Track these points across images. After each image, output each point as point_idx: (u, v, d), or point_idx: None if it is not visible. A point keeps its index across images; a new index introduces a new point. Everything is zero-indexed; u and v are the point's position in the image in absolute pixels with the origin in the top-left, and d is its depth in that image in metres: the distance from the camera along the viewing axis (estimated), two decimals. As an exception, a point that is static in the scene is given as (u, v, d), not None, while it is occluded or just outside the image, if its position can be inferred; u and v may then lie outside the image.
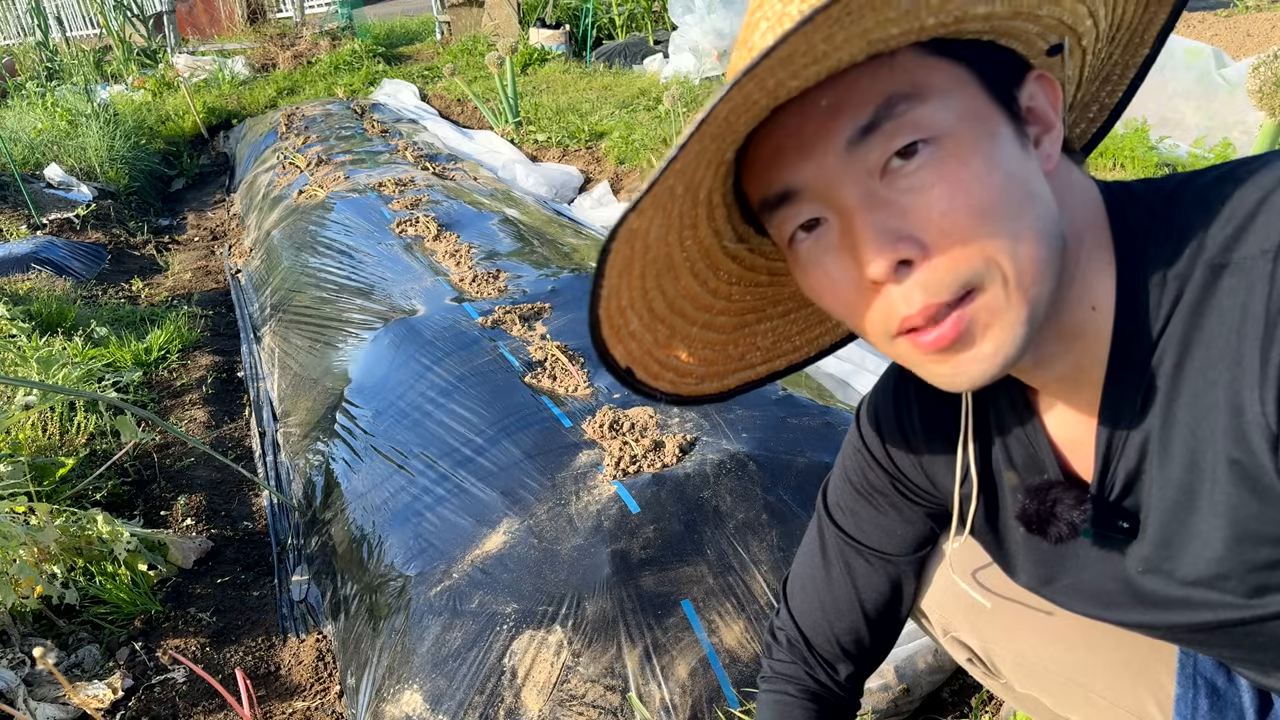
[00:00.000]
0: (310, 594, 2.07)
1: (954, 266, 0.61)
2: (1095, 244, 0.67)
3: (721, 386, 0.84)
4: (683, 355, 0.79)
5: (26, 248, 4.45)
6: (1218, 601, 0.67)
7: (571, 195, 4.88)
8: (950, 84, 0.61)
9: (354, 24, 10.85)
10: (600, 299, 0.66)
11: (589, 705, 1.48)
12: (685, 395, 0.81)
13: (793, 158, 0.63)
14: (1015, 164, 0.62)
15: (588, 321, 0.68)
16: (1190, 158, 3.52)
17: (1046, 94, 0.67)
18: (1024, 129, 0.64)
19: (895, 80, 0.60)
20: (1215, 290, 0.61)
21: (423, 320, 2.76)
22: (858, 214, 0.62)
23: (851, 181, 0.62)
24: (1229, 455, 0.61)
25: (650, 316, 0.73)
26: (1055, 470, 0.76)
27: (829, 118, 0.61)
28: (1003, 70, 0.64)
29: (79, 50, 10.76)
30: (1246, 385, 0.59)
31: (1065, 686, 0.97)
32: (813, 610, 1.01)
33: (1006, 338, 0.63)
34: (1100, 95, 0.77)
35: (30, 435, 2.52)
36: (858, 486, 0.96)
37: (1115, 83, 0.76)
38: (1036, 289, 0.62)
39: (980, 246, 0.60)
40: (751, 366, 0.85)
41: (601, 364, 0.73)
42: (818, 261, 0.66)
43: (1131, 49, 0.73)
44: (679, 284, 0.74)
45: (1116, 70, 0.75)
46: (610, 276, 0.65)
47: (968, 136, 0.61)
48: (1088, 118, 0.80)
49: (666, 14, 7.24)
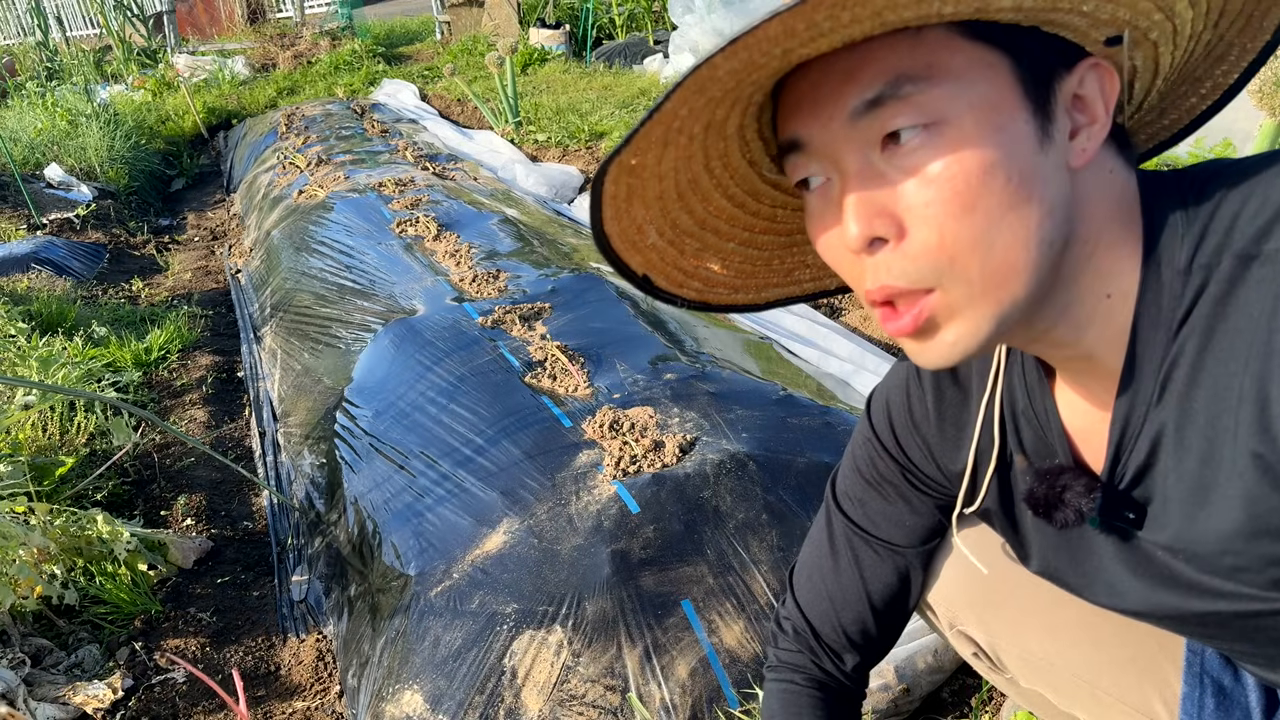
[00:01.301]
0: (310, 594, 2.07)
1: (920, 257, 0.61)
2: (1118, 236, 0.66)
3: (757, 299, 0.83)
4: (715, 267, 0.77)
5: (26, 248, 4.44)
6: (1234, 592, 0.67)
7: (571, 195, 4.88)
8: (972, 69, 0.60)
9: (354, 24, 10.85)
10: (604, 220, 0.66)
11: (589, 705, 1.48)
12: (713, 303, 0.80)
13: (805, 114, 0.64)
14: (1021, 162, 0.60)
15: (592, 235, 0.68)
16: (1190, 157, 3.52)
17: (1101, 83, 0.64)
18: (1049, 124, 0.62)
19: (911, 59, 0.59)
20: (1243, 282, 0.60)
21: (423, 320, 2.76)
22: (853, 180, 0.63)
23: (853, 149, 0.62)
24: (1251, 448, 0.60)
25: (675, 232, 0.73)
26: (1066, 456, 0.76)
27: (841, 83, 0.61)
28: (1048, 57, 0.62)
29: (79, 50, 10.75)
30: (1275, 377, 0.58)
31: (1071, 682, 0.96)
32: (819, 600, 1.01)
33: (967, 330, 0.63)
34: (1215, 73, 0.73)
35: (30, 435, 2.52)
36: (867, 476, 0.96)
37: (1233, 62, 0.71)
38: (1007, 292, 0.62)
39: (954, 244, 0.60)
40: (798, 283, 0.84)
41: (613, 269, 0.72)
42: (820, 213, 0.67)
43: (1249, 33, 0.68)
44: (709, 205, 0.73)
45: (1233, 51, 0.70)
46: (613, 204, 0.65)
47: (973, 128, 0.59)
48: (1199, 92, 0.75)
49: (666, 14, 7.23)
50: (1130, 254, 0.66)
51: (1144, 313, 0.66)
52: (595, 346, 2.44)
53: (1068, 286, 0.65)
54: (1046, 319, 0.66)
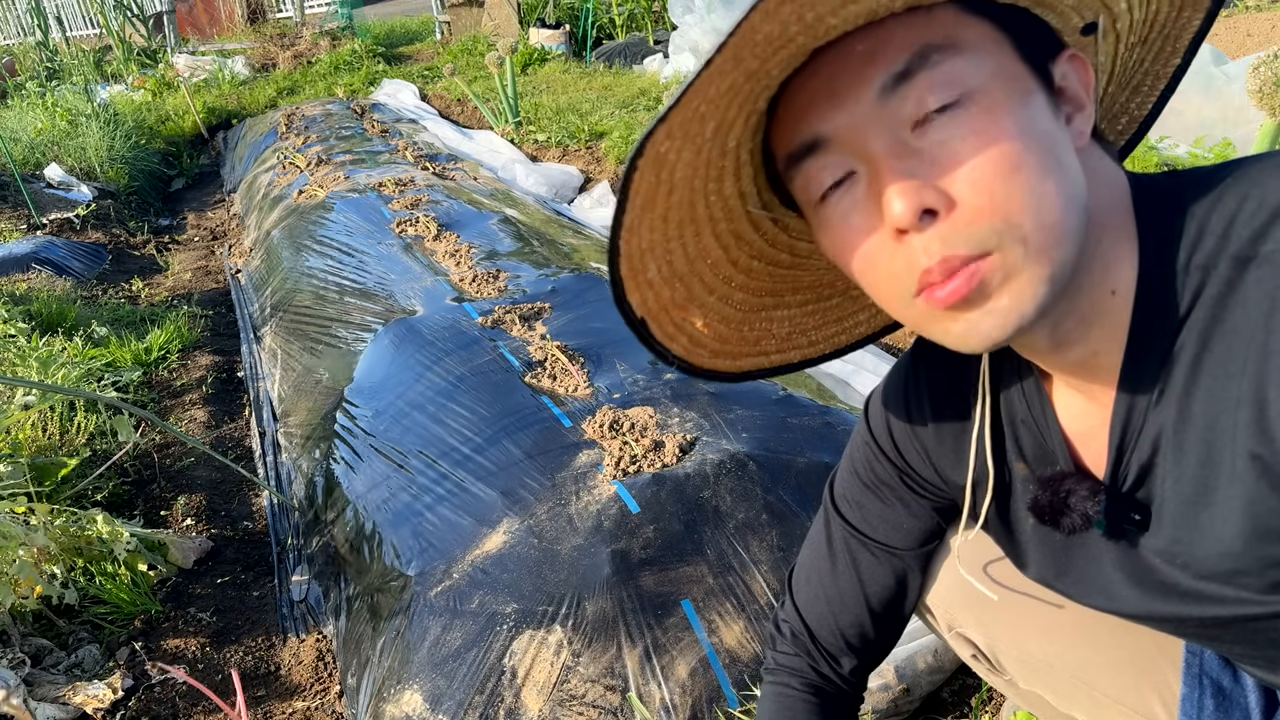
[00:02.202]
0: (310, 594, 2.07)
1: (975, 221, 0.60)
2: (1118, 231, 0.67)
3: (734, 366, 0.84)
4: (698, 323, 0.78)
5: (26, 248, 4.44)
6: (1233, 597, 0.67)
7: (571, 195, 4.88)
8: (985, 42, 0.62)
9: (354, 24, 10.85)
10: (623, 225, 0.65)
11: (589, 705, 1.48)
12: (697, 366, 0.81)
13: (824, 106, 0.63)
14: (1047, 128, 0.62)
15: (607, 251, 0.68)
16: (1190, 157, 3.52)
17: (1079, 75, 0.67)
18: (1057, 100, 0.65)
19: (931, 31, 0.61)
20: (1241, 283, 0.61)
21: (423, 320, 2.76)
22: (886, 161, 0.62)
23: (882, 130, 0.62)
24: (1250, 450, 0.60)
25: (669, 270, 0.73)
26: (1067, 462, 0.76)
27: (864, 64, 0.61)
28: (1038, 41, 0.65)
29: (79, 50, 10.76)
30: (1273, 378, 0.58)
31: (1070, 684, 0.96)
32: (817, 603, 1.01)
33: (1025, 293, 0.62)
34: (1130, 107, 0.77)
35: (30, 435, 2.52)
36: (864, 480, 0.96)
37: (1145, 94, 0.76)
38: (1059, 251, 0.61)
39: (1005, 204, 0.60)
40: (765, 354, 0.85)
41: (616, 308, 0.72)
42: (844, 216, 0.66)
43: (1163, 58, 0.72)
44: (700, 241, 0.74)
45: (1147, 81, 0.75)
46: (635, 202, 0.64)
47: (1001, 94, 0.61)
48: (1116, 130, 0.79)
49: (666, 14, 7.23)
50: (1128, 252, 0.67)
51: (1142, 313, 0.66)
52: (595, 346, 2.44)
53: (1080, 276, 0.66)
54: (1059, 309, 0.66)
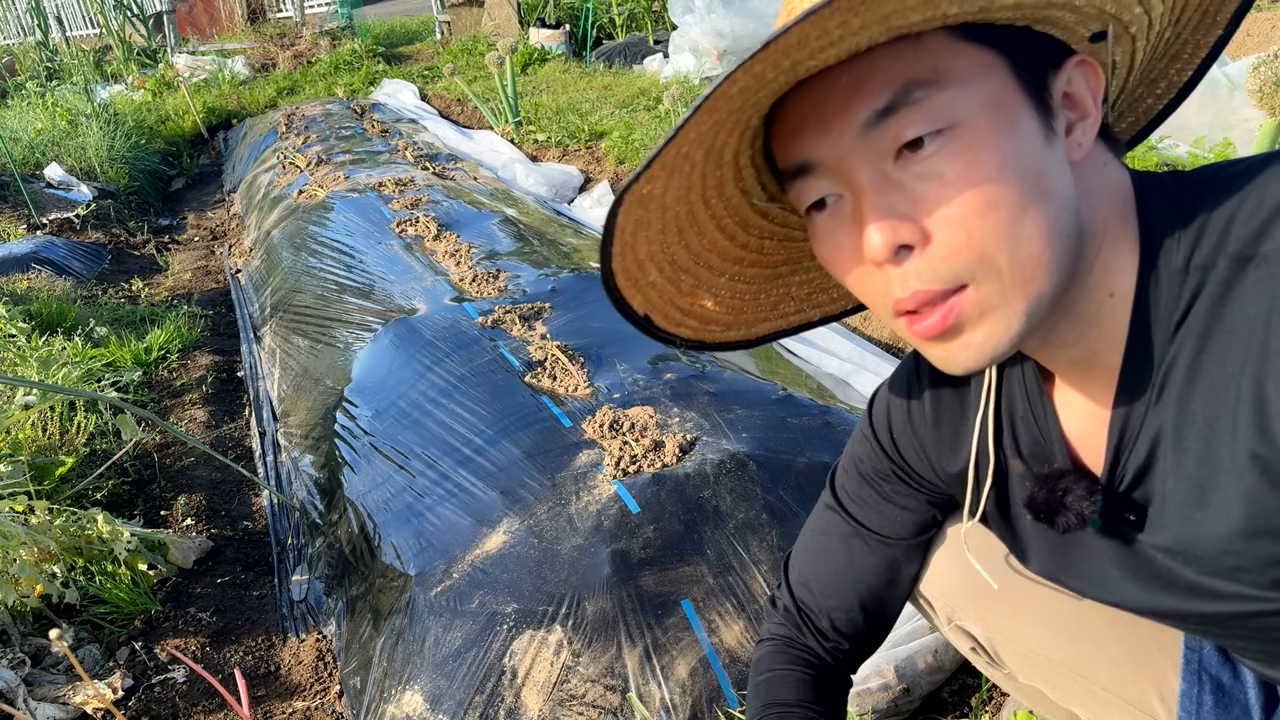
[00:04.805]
0: (310, 594, 2.07)
1: (950, 258, 0.61)
2: (1119, 232, 0.67)
3: (748, 334, 0.84)
4: (708, 304, 0.79)
5: (26, 248, 4.44)
6: (1235, 593, 0.67)
7: (571, 195, 4.88)
8: (976, 71, 0.61)
9: (354, 24, 10.85)
10: (612, 257, 0.67)
11: (589, 705, 1.48)
12: (708, 342, 0.82)
13: (812, 133, 0.64)
14: (1032, 158, 0.61)
15: (600, 274, 0.69)
16: (1191, 158, 3.52)
17: (1087, 79, 0.66)
18: (1051, 120, 0.64)
19: (917, 65, 0.60)
20: (1240, 282, 0.61)
21: (423, 320, 2.76)
22: (867, 194, 0.63)
23: (866, 161, 0.62)
24: (1250, 449, 0.60)
25: (672, 268, 0.74)
26: (1065, 460, 0.76)
27: (848, 96, 0.61)
28: (1039, 56, 0.64)
29: (79, 50, 10.75)
30: (1274, 378, 0.58)
31: (1069, 678, 0.97)
32: (810, 586, 1.03)
33: (999, 328, 0.63)
34: (1170, 72, 0.75)
35: (30, 435, 2.52)
36: (863, 472, 0.98)
37: (1186, 60, 0.74)
38: (1036, 285, 0.62)
39: (981, 240, 0.60)
40: (784, 316, 0.86)
41: (617, 311, 0.73)
42: (831, 233, 0.67)
43: (1203, 29, 0.71)
44: (704, 239, 0.74)
45: (1187, 49, 0.73)
46: (621, 238, 0.66)
47: (985, 127, 0.60)
48: (1155, 93, 0.77)
49: (666, 14, 7.23)
50: (1129, 253, 0.67)
51: (1142, 312, 0.66)
52: (595, 346, 2.44)
53: (1078, 282, 0.66)
54: (1055, 314, 0.67)
